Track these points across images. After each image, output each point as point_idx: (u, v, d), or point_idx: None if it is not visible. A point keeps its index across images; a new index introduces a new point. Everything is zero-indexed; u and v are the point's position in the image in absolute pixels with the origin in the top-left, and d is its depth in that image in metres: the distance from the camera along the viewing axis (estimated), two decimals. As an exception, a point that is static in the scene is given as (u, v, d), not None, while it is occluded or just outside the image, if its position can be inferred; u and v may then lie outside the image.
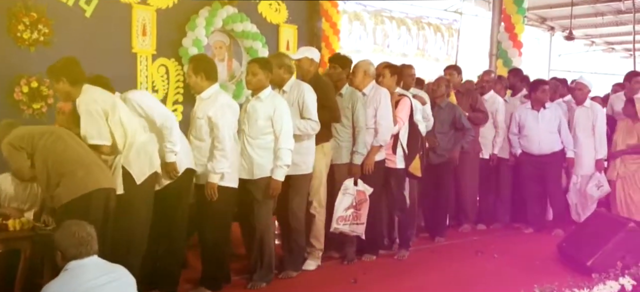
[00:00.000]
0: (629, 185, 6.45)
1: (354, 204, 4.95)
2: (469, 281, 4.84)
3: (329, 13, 8.43)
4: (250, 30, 7.23)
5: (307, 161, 4.70)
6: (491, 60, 9.38)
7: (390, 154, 5.27)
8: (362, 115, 4.98)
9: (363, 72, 5.18)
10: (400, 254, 5.38)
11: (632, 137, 6.44)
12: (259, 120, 4.37)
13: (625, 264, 4.61)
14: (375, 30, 10.39)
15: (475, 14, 13.35)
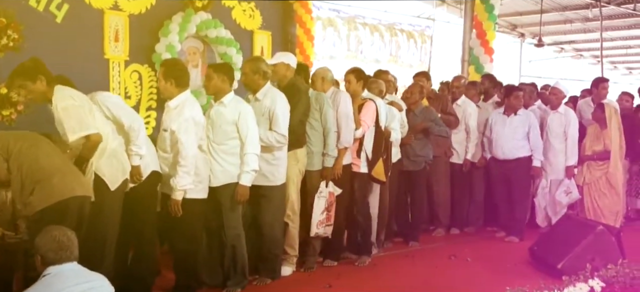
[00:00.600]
0: (594, 190, 6.59)
1: (326, 207, 4.97)
2: (442, 284, 4.89)
3: (303, 19, 8.44)
4: (224, 36, 7.20)
5: (278, 172, 4.64)
6: (463, 66, 9.48)
7: (354, 158, 5.28)
8: (331, 117, 4.98)
9: (321, 78, 5.18)
10: (360, 260, 5.33)
11: (598, 143, 6.57)
12: (223, 125, 4.32)
13: (594, 266, 4.69)
14: (349, 37, 10.45)
15: (447, 20, 13.52)
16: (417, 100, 6.11)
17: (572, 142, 6.52)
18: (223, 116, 4.33)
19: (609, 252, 4.99)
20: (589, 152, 6.57)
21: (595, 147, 6.55)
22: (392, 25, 11.10)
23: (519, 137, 6.36)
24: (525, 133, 6.37)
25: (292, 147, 4.79)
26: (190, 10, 6.86)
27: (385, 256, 5.70)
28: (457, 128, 6.60)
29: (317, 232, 4.95)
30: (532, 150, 6.39)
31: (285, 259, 4.91)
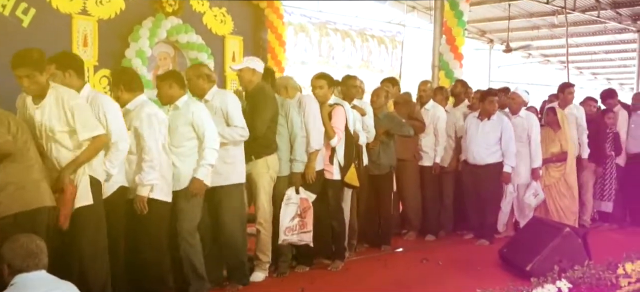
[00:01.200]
0: (555, 192, 6.74)
1: (299, 213, 4.92)
2: (414, 287, 4.93)
3: (274, 25, 8.46)
4: (196, 41, 7.18)
5: (235, 171, 4.57)
6: (434, 71, 9.59)
7: (327, 165, 5.24)
8: (297, 122, 4.94)
9: (284, 88, 5.16)
10: (334, 265, 5.29)
11: (554, 145, 6.73)
12: (179, 127, 4.26)
13: (562, 268, 4.79)
14: (321, 42, 10.49)
15: (418, 26, 13.68)
16: (381, 105, 6.13)
17: (536, 145, 6.57)
18: (178, 119, 4.28)
19: (575, 254, 5.09)
20: (547, 155, 6.70)
21: (552, 149, 6.70)
22: (363, 31, 11.18)
23: (491, 142, 6.41)
24: (498, 138, 6.40)
25: (263, 153, 4.74)
26: (160, 15, 6.82)
27: (358, 260, 5.72)
28: (425, 132, 6.64)
29: (286, 239, 4.89)
30: (503, 155, 6.44)
31: (257, 264, 4.87)
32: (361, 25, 11.24)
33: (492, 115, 6.42)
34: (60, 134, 3.59)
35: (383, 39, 11.54)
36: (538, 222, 5.92)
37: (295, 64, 9.58)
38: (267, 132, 4.75)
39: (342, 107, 5.28)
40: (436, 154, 6.67)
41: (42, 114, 3.56)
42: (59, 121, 3.57)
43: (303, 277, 5.04)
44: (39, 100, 3.57)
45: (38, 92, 3.56)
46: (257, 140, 4.67)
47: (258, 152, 4.73)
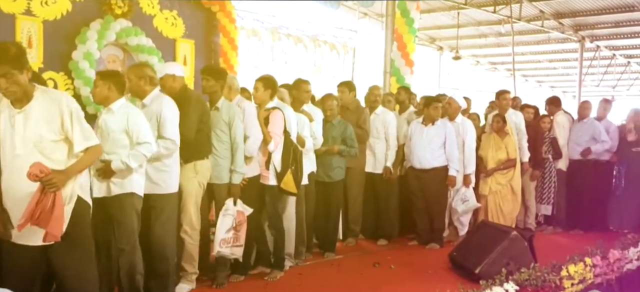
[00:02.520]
0: (500, 198, 6.91)
1: (234, 226, 4.77)
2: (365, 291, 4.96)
3: (226, 28, 8.38)
4: (146, 44, 7.04)
5: (167, 180, 4.34)
6: (385, 77, 9.69)
7: (263, 171, 5.12)
8: (240, 132, 4.80)
9: (227, 87, 5.02)
10: (271, 275, 5.18)
11: (501, 152, 6.89)
12: (111, 133, 4.02)
13: (509, 271, 4.90)
14: (273, 47, 10.47)
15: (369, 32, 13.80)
16: (334, 115, 6.15)
17: (469, 151, 6.69)
18: (111, 124, 4.05)
19: (522, 256, 5.24)
20: (495, 162, 6.86)
21: (500, 156, 6.87)
22: (315, 37, 11.21)
23: (434, 147, 6.51)
24: (442, 143, 6.52)
25: (192, 158, 4.58)
26: (109, 17, 6.66)
27: (311, 265, 5.73)
28: (376, 137, 6.70)
29: (220, 251, 4.74)
30: (448, 160, 6.54)
31: (183, 276, 4.67)
32: (314, 30, 11.27)
33: (436, 121, 6.52)
34: (50, 143, 3.22)
35: (335, 45, 11.59)
36: (486, 225, 6.06)
37: (247, 68, 9.52)
38: (197, 136, 4.57)
39: (280, 111, 5.16)
40: (387, 158, 6.73)
41: (26, 120, 3.19)
42: (50, 128, 3.21)
43: (255, 285, 5.00)
44: (20, 104, 3.19)
45: (19, 95, 3.15)
46: (185, 144, 4.48)
47: (186, 157, 4.55)
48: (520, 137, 7.33)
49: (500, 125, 6.94)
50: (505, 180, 6.94)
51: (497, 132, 6.93)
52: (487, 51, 18.55)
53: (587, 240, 6.41)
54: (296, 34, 10.89)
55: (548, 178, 7.69)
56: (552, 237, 7.48)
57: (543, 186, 7.73)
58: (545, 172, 7.71)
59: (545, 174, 7.71)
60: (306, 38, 11.03)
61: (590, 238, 6.61)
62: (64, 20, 6.41)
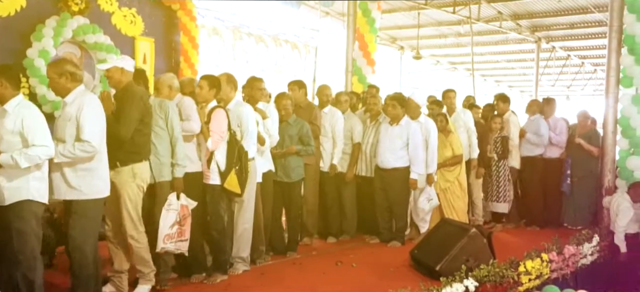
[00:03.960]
0: (450, 194, 7.02)
1: (178, 220, 4.68)
2: (329, 290, 4.97)
3: (187, 27, 8.30)
4: (104, 42, 6.92)
5: (89, 184, 4.04)
6: (347, 76, 9.74)
7: (205, 169, 5.02)
8: (177, 125, 4.71)
9: (168, 87, 4.92)
10: (211, 278, 5.05)
11: (447, 150, 6.99)
12: (5, 135, 3.76)
13: (469, 267, 5.00)
14: (234, 46, 10.40)
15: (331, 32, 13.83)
16: (290, 113, 6.14)
17: (432, 151, 6.74)
18: (4, 125, 3.77)
19: (481, 253, 5.34)
20: (441, 159, 6.96)
21: (446, 153, 6.97)
22: (276, 36, 11.18)
23: (396, 147, 6.55)
24: (404, 143, 6.56)
25: (130, 160, 4.39)
26: (65, 14, 6.52)
27: (273, 265, 5.71)
28: (324, 136, 6.71)
29: (165, 247, 4.63)
30: (410, 162, 6.57)
31: (140, 277, 4.57)
32: (275, 29, 11.24)
33: (400, 120, 6.57)
34: None
35: (296, 44, 11.59)
36: (446, 223, 6.14)
37: (209, 66, 9.43)
38: (135, 137, 4.39)
39: (223, 110, 5.05)
40: (334, 156, 6.75)
41: None
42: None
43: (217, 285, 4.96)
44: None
45: None
46: (123, 145, 4.33)
47: (124, 159, 4.37)
48: (469, 135, 7.44)
49: (443, 124, 7.01)
50: (453, 177, 7.03)
51: (441, 131, 6.99)
52: (447, 51, 18.82)
53: (544, 236, 6.58)
54: (257, 33, 10.84)
55: (503, 176, 7.82)
56: (509, 234, 7.62)
57: (498, 185, 7.85)
58: (500, 170, 7.83)
59: (500, 172, 7.83)
60: (267, 37, 10.99)
61: (547, 234, 6.79)
62: (18, 16, 6.25)
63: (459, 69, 20.90)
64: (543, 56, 17.34)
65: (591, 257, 6.59)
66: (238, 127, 5.22)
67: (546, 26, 15.46)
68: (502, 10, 14.12)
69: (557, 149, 8.01)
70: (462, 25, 14.64)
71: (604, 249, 6.85)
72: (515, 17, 14.65)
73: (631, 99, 7.28)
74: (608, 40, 7.63)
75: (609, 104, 7.57)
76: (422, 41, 16.38)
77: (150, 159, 4.60)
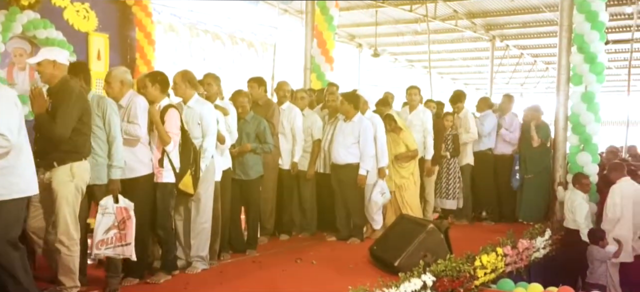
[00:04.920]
0: (404, 191, 7.10)
1: (115, 224, 4.44)
2: (289, 287, 4.97)
3: (142, 23, 8.17)
4: (56, 37, 6.74)
5: (7, 183, 3.73)
6: (306, 74, 9.74)
7: (157, 168, 4.84)
8: (116, 124, 4.45)
9: (119, 81, 4.68)
10: (155, 278, 4.86)
11: (400, 147, 7.05)
12: None
13: (427, 262, 5.06)
14: (191, 43, 10.28)
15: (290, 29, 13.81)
16: (247, 110, 6.11)
17: (381, 145, 6.76)
18: None
19: (439, 248, 5.41)
20: (393, 157, 7.03)
21: (399, 150, 7.03)
22: (233, 34, 11.09)
23: (348, 143, 6.58)
24: (356, 139, 6.57)
25: (68, 159, 4.19)
26: (14, 8, 6.33)
27: (233, 262, 5.67)
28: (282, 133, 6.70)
29: (98, 253, 4.40)
30: (360, 157, 6.58)
31: (60, 291, 4.29)
32: (232, 27, 11.15)
33: (353, 117, 6.59)
34: None
35: (252, 42, 11.52)
36: (404, 219, 6.21)
37: (165, 64, 9.29)
38: (73, 136, 4.17)
39: (175, 109, 4.91)
40: (294, 154, 6.75)
41: None
42: None
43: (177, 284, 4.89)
44: None
45: None
46: (60, 143, 4.13)
47: (61, 158, 4.17)
48: (425, 135, 7.52)
49: (393, 126, 7.06)
50: (407, 173, 7.10)
51: (392, 131, 7.05)
52: (405, 49, 19.03)
53: (498, 231, 6.72)
54: (214, 31, 10.74)
55: (453, 173, 7.94)
56: (466, 229, 7.75)
57: (448, 182, 7.97)
58: (450, 167, 7.95)
59: (450, 169, 7.95)
60: (224, 35, 10.90)
61: (501, 229, 6.95)
62: (-37, 11, 6.04)
63: (417, 67, 21.15)
64: (497, 54, 17.70)
65: (544, 251, 6.77)
66: (199, 124, 5.14)
67: (500, 25, 15.78)
68: (458, 8, 14.35)
69: (509, 145, 8.18)
70: (419, 23, 14.81)
71: (556, 243, 7.05)
72: (470, 15, 14.91)
73: (581, 97, 7.51)
74: (558, 39, 7.85)
75: (559, 102, 7.80)
76: (380, 39, 16.50)
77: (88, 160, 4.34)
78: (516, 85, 20.96)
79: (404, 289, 4.64)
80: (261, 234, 6.60)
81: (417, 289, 4.72)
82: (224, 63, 10.85)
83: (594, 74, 7.42)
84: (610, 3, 10.27)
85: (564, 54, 7.74)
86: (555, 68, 8.10)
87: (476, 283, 5.37)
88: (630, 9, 12.40)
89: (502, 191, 8.25)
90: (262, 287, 4.96)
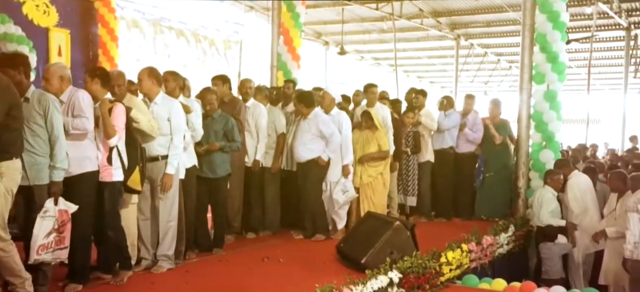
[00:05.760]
0: (371, 190, 7.12)
1: (56, 227, 4.24)
2: (256, 286, 4.94)
3: (105, 18, 8.03)
4: (15, 33, 6.57)
5: None
6: (272, 71, 9.70)
7: (104, 166, 4.65)
8: (57, 122, 4.22)
9: (59, 77, 4.48)
10: (116, 279, 4.75)
11: (373, 146, 7.07)
12: None
13: (393, 259, 5.09)
14: (155, 40, 10.11)
15: (256, 26, 13.74)
16: (215, 108, 6.05)
17: (346, 143, 6.79)
18: None
19: (405, 245, 5.45)
20: (363, 155, 7.06)
21: (371, 149, 7.05)
22: (196, 31, 10.96)
23: (306, 140, 6.60)
24: (313, 136, 6.58)
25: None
26: (-29, 2, 6.14)
27: (198, 262, 5.61)
28: (247, 131, 6.67)
29: (39, 258, 4.18)
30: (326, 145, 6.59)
31: (13, 290, 4.13)
32: (197, 24, 11.02)
33: (308, 115, 6.60)
34: None
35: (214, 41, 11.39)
36: (371, 216, 6.24)
37: (129, 60, 9.14)
38: (2, 133, 3.92)
39: (121, 105, 4.76)
40: (257, 151, 6.73)
41: None
42: None
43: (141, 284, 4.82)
44: None
45: None
46: None
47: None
48: (386, 131, 7.57)
49: (369, 123, 7.08)
50: (376, 172, 7.12)
51: (368, 127, 7.08)
52: (371, 47, 19.15)
53: (463, 228, 6.81)
54: (178, 27, 10.59)
55: (412, 170, 8.01)
56: (431, 226, 7.82)
57: (407, 178, 8.03)
58: (409, 164, 8.01)
59: (410, 166, 8.01)
60: (188, 32, 10.76)
61: (465, 226, 7.04)
62: None
63: (383, 65, 21.30)
64: (462, 53, 17.96)
65: (507, 247, 6.88)
66: (168, 121, 5.08)
67: (464, 24, 16.02)
68: (423, 7, 14.51)
69: (472, 144, 8.28)
70: (385, 21, 14.93)
71: (519, 239, 7.17)
72: (435, 14, 15.08)
73: (543, 95, 7.66)
74: (521, 38, 7.98)
75: (522, 100, 7.92)
76: (347, 37, 16.57)
77: (25, 159, 4.10)
78: (480, 83, 21.29)
79: (371, 286, 4.65)
80: (228, 232, 6.53)
81: (384, 286, 4.74)
82: (189, 61, 10.72)
83: (555, 73, 7.57)
84: (571, 4, 10.50)
85: (527, 53, 7.87)
86: (518, 67, 8.23)
87: (442, 279, 5.43)
88: (590, 10, 12.72)
89: (462, 188, 8.35)
90: (228, 287, 4.92)
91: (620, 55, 16.21)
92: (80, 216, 4.42)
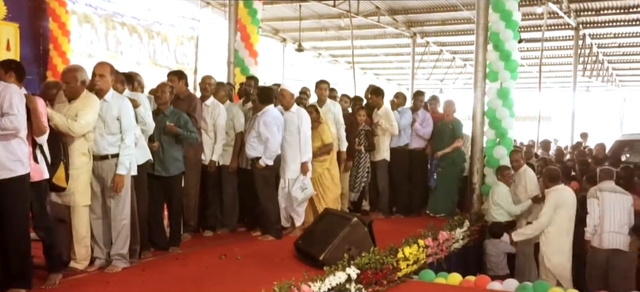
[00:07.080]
0: (322, 185, 7.13)
1: None
2: (213, 284, 4.89)
3: (56, 12, 7.81)
4: (-41, 26, 6.32)
5: None
6: (229, 68, 9.62)
7: (32, 165, 4.43)
8: None
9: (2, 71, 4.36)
10: (48, 281, 4.56)
11: (317, 140, 7.03)
12: None
13: (351, 256, 5.12)
14: (108, 36, 9.86)
15: (213, 22, 13.59)
16: (167, 101, 5.95)
17: (305, 140, 6.74)
18: None
19: (363, 241, 5.48)
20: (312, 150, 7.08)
21: (315, 143, 7.03)
22: (149, 27, 10.73)
23: (250, 138, 6.58)
24: (256, 134, 6.52)
25: None
26: None
27: (154, 261, 5.52)
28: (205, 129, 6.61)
29: None
30: None
31: None
32: (151, 19, 10.79)
33: (258, 111, 6.58)
34: None
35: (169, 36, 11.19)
36: (329, 213, 6.25)
37: (81, 56, 8.90)
38: None
39: (41, 100, 4.58)
40: (214, 151, 6.66)
41: None
42: None
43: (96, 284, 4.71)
44: None
45: None
46: None
47: None
48: (338, 128, 7.58)
49: (314, 116, 7.07)
50: (322, 168, 7.12)
51: (313, 121, 7.06)
52: (328, 44, 19.20)
53: (420, 224, 6.89)
54: (131, 24, 10.35)
55: (362, 168, 8.06)
56: (388, 222, 7.90)
57: (356, 175, 8.07)
58: (360, 162, 8.03)
59: (361, 164, 8.04)
60: (141, 28, 10.53)
61: (421, 222, 7.12)
62: None
63: (340, 62, 21.38)
64: (418, 51, 18.18)
65: (462, 242, 7.01)
66: (117, 119, 4.97)
67: (420, 22, 16.22)
68: (380, 5, 14.62)
69: (422, 140, 8.39)
70: (343, 19, 14.98)
71: (474, 234, 7.32)
72: (392, 12, 15.22)
73: (497, 93, 7.83)
74: (475, 37, 8.13)
75: (477, 97, 8.08)
76: (304, 34, 16.57)
77: None
78: (436, 81, 21.61)
79: (329, 282, 4.66)
80: (184, 231, 6.45)
81: (342, 282, 4.75)
82: (142, 58, 10.50)
83: (508, 71, 7.74)
84: (522, 3, 10.75)
85: (481, 52, 8.02)
86: (472, 65, 8.38)
87: (399, 275, 5.48)
88: (541, 9, 13.06)
89: (415, 184, 8.46)
90: (185, 285, 4.86)
91: (570, 53, 16.69)
92: (16, 221, 4.21)
